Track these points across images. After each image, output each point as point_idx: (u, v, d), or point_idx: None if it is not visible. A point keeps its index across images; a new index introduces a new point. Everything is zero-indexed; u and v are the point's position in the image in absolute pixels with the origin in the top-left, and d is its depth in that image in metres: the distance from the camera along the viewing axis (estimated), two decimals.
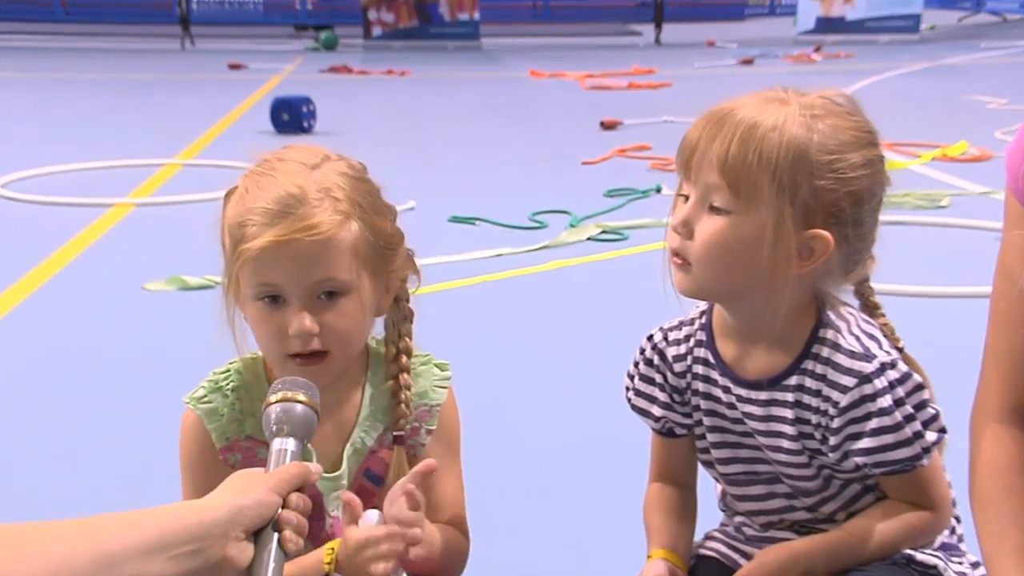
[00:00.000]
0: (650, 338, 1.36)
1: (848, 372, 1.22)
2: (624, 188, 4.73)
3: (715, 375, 1.31)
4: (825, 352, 1.23)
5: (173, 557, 0.89)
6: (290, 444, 1.06)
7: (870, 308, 1.31)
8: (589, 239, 3.99)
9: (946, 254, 3.81)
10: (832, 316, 1.25)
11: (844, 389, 1.21)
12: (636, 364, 1.38)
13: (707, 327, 1.32)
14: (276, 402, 1.08)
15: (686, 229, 1.21)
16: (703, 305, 1.33)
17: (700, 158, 1.19)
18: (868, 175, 1.20)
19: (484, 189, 4.90)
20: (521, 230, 4.16)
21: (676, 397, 1.35)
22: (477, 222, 4.25)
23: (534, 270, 3.64)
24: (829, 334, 1.24)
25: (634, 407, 1.38)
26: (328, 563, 1.14)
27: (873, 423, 1.21)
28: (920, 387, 1.23)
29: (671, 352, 1.35)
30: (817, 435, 1.26)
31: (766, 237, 1.17)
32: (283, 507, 0.99)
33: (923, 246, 3.88)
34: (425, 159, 5.61)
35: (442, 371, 1.30)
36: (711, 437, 1.33)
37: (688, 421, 1.35)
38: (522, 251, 3.83)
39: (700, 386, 1.32)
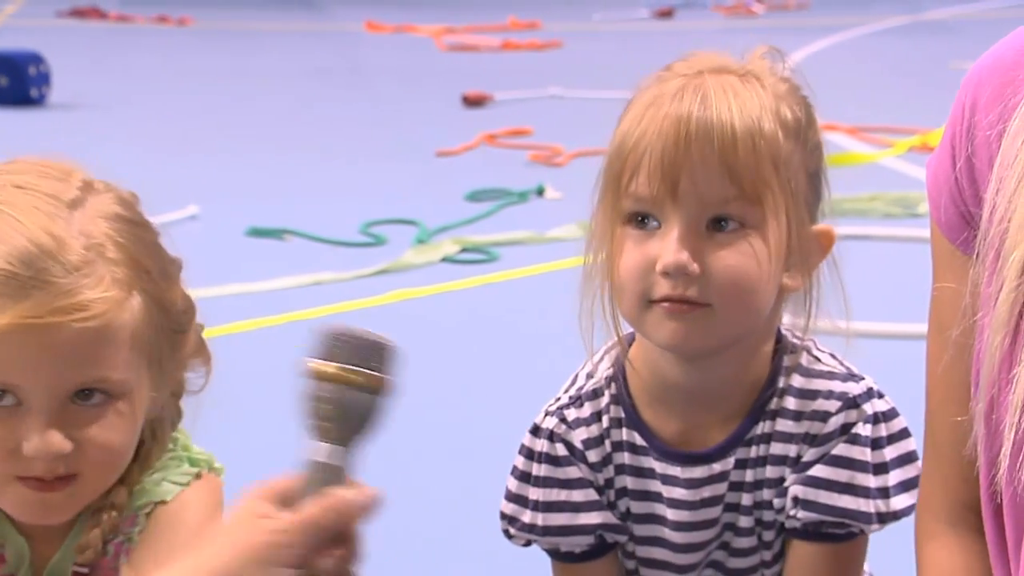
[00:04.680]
0: (537, 431, 1.36)
1: (830, 396, 1.31)
2: (493, 188, 4.78)
3: (650, 462, 1.34)
4: (797, 382, 1.32)
5: None
6: (327, 453, 0.92)
7: None
8: (444, 260, 4.03)
9: (923, 278, 3.97)
10: (791, 338, 1.35)
11: (825, 417, 1.30)
12: (525, 476, 1.36)
13: (621, 398, 1.34)
14: (325, 378, 0.91)
15: (696, 263, 1.24)
16: (603, 370, 1.35)
17: (690, 166, 1.23)
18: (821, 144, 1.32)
19: (297, 189, 4.90)
20: (349, 247, 4.17)
21: (603, 496, 1.36)
22: (287, 235, 4.26)
23: (367, 303, 3.65)
24: (803, 359, 1.33)
25: (547, 532, 1.35)
26: None
27: (837, 450, 1.30)
28: (906, 434, 1.33)
29: (579, 437, 1.35)
30: (774, 500, 1.32)
31: (781, 248, 1.26)
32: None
33: (894, 268, 4.03)
34: (213, 146, 5.57)
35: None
36: (642, 551, 1.37)
37: (622, 523, 1.37)
38: (351, 277, 3.85)
39: (630, 482, 1.35)
